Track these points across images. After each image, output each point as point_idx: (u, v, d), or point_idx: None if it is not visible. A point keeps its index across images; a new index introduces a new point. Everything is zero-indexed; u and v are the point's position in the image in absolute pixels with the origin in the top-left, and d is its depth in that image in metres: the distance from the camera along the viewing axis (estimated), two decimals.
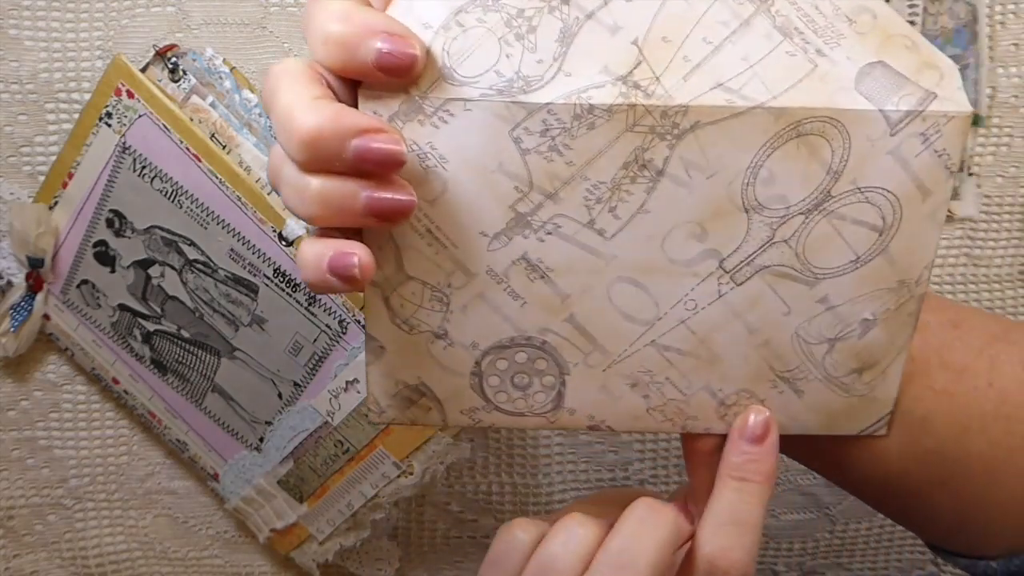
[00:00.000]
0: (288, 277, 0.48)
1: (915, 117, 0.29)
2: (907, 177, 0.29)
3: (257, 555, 0.60)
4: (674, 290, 0.31)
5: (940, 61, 0.29)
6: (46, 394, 0.56)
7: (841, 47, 0.29)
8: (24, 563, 0.58)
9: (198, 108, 0.48)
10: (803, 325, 0.32)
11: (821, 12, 0.29)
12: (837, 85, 0.29)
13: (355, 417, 0.50)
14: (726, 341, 0.32)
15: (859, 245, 0.30)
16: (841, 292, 0.31)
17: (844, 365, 0.32)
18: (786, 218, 0.30)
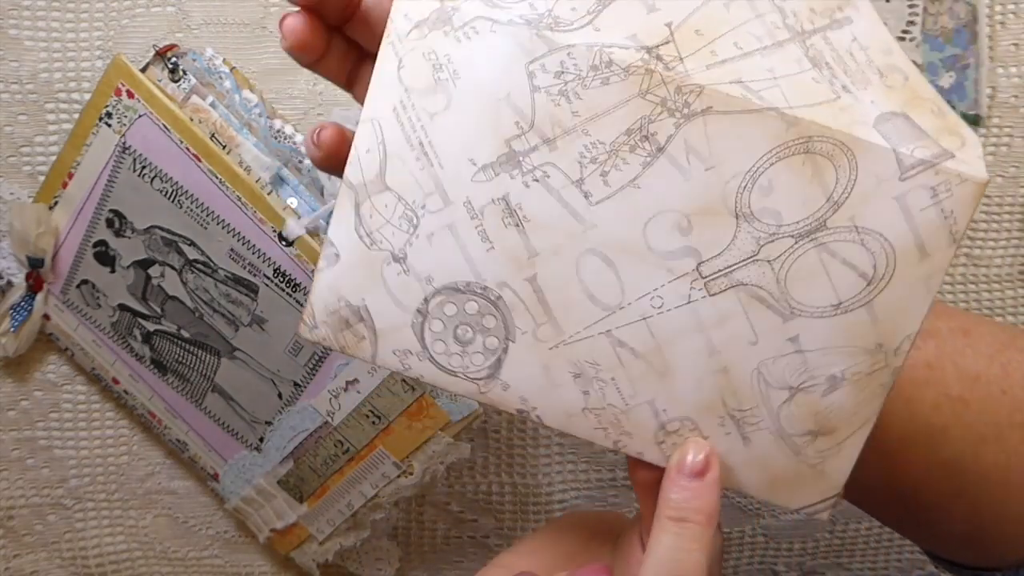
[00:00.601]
0: (288, 277, 0.48)
1: (928, 168, 0.27)
2: (908, 230, 0.28)
3: (257, 555, 0.60)
4: (644, 280, 0.29)
5: (964, 131, 0.28)
6: (46, 394, 0.56)
7: (867, 91, 0.28)
8: (24, 563, 0.58)
9: (198, 108, 0.47)
10: (768, 362, 0.30)
11: (854, 58, 0.29)
12: (856, 118, 0.28)
13: (355, 417, 0.50)
14: (683, 355, 0.30)
15: (844, 289, 0.29)
16: (815, 336, 0.29)
17: (800, 423, 0.30)
18: (775, 237, 0.29)
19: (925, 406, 0.33)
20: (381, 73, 0.29)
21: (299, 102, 0.52)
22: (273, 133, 0.49)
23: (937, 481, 0.33)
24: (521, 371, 0.31)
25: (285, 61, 0.52)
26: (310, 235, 0.47)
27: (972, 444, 0.33)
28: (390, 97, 0.29)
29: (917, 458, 0.33)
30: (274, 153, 0.49)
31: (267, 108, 0.50)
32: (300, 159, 0.50)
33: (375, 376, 0.49)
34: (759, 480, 0.31)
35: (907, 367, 0.31)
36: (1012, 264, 0.57)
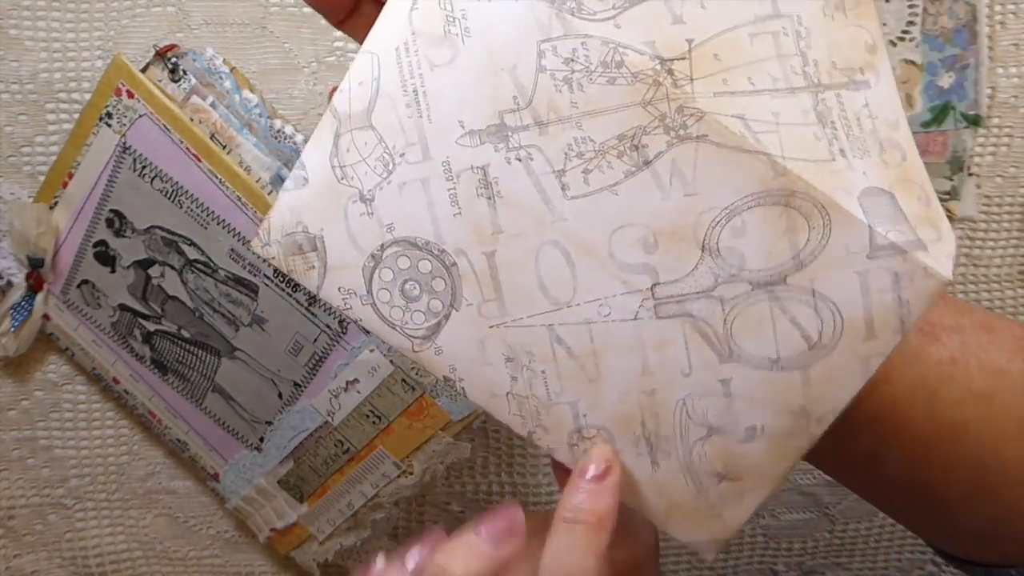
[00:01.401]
0: (288, 277, 0.48)
1: (897, 254, 0.27)
2: (862, 307, 0.28)
3: (257, 555, 0.60)
4: (598, 286, 0.29)
5: (943, 225, 0.28)
6: (46, 394, 0.56)
7: (863, 161, 0.28)
8: (24, 563, 0.58)
9: (198, 108, 0.48)
10: (695, 396, 0.30)
11: (860, 125, 0.29)
12: (843, 184, 0.28)
13: (355, 417, 0.50)
14: (617, 367, 0.30)
15: (785, 347, 0.29)
16: (746, 384, 0.29)
17: (710, 463, 0.30)
18: (734, 279, 0.29)
19: (948, 402, 0.32)
20: (392, 8, 0.29)
21: (299, 102, 0.52)
22: (273, 133, 0.49)
23: (958, 478, 0.33)
24: (457, 340, 0.31)
25: (285, 61, 0.52)
26: None
27: (994, 441, 0.33)
28: (396, 35, 0.29)
29: (938, 454, 0.33)
30: (274, 153, 0.49)
31: (267, 108, 0.50)
32: None
33: (375, 376, 0.49)
34: (657, 505, 0.31)
35: (931, 362, 0.32)
36: (1012, 264, 0.57)
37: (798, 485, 0.60)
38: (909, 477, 0.34)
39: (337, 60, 0.52)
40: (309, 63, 0.52)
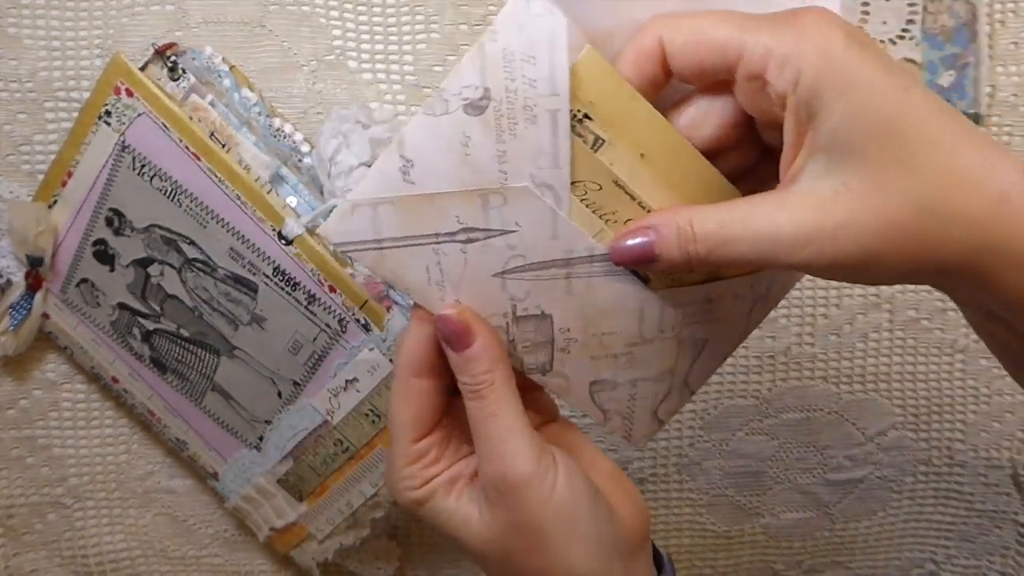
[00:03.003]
0: (288, 276, 0.48)
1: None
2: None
3: (257, 554, 0.60)
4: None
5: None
6: (45, 393, 0.56)
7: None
8: (24, 562, 0.58)
9: (197, 107, 0.47)
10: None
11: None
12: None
13: (355, 416, 0.50)
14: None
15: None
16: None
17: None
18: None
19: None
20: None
21: (298, 101, 0.52)
22: (272, 132, 0.49)
23: None
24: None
25: (284, 59, 0.52)
26: (309, 234, 0.47)
27: None
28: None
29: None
30: (273, 152, 0.49)
31: (266, 107, 0.50)
32: (299, 158, 0.50)
33: (375, 375, 0.49)
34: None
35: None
36: None
37: (798, 484, 0.60)
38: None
39: (336, 59, 0.52)
40: (308, 62, 0.52)
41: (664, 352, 0.38)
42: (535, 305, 0.35)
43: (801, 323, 0.58)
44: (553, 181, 0.33)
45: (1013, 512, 0.60)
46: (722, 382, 0.58)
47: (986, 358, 0.58)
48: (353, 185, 0.48)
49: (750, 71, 0.29)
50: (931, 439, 0.60)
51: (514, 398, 0.34)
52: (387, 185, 0.33)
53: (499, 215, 0.33)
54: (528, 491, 0.33)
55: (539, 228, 0.34)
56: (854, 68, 0.28)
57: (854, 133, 0.28)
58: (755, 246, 0.30)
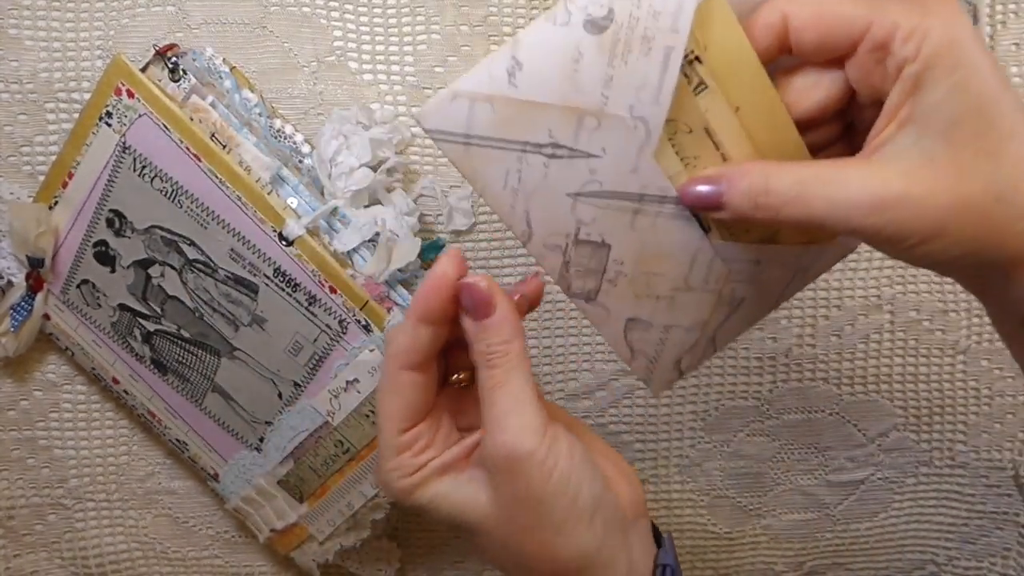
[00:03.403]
0: (288, 277, 0.48)
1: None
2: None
3: (257, 555, 0.60)
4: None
5: None
6: (46, 394, 0.56)
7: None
8: (24, 563, 0.58)
9: (198, 108, 0.47)
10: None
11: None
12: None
13: (355, 417, 0.50)
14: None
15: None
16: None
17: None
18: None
19: None
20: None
21: (299, 102, 0.52)
22: (273, 133, 0.49)
23: None
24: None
25: (285, 60, 0.52)
26: (310, 235, 0.47)
27: None
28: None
29: None
30: (274, 153, 0.49)
31: (267, 108, 0.50)
32: (300, 159, 0.50)
33: (375, 376, 0.49)
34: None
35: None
36: None
37: (798, 485, 0.60)
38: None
39: (337, 60, 0.52)
40: (309, 63, 0.52)
41: (702, 303, 0.39)
42: (597, 232, 0.36)
43: (802, 324, 0.58)
44: (649, 116, 0.34)
45: (1015, 513, 0.60)
46: (723, 383, 0.58)
47: (987, 359, 0.58)
48: (354, 186, 0.48)
49: (876, 42, 0.31)
50: (932, 440, 0.59)
51: (526, 372, 0.35)
52: (491, 83, 0.33)
53: (589, 138, 0.34)
54: (531, 464, 0.34)
55: (622, 159, 0.35)
56: (971, 51, 0.30)
57: (953, 109, 0.30)
58: (830, 206, 0.31)
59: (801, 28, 0.32)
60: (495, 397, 0.34)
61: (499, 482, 0.34)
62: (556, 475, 0.34)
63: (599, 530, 0.35)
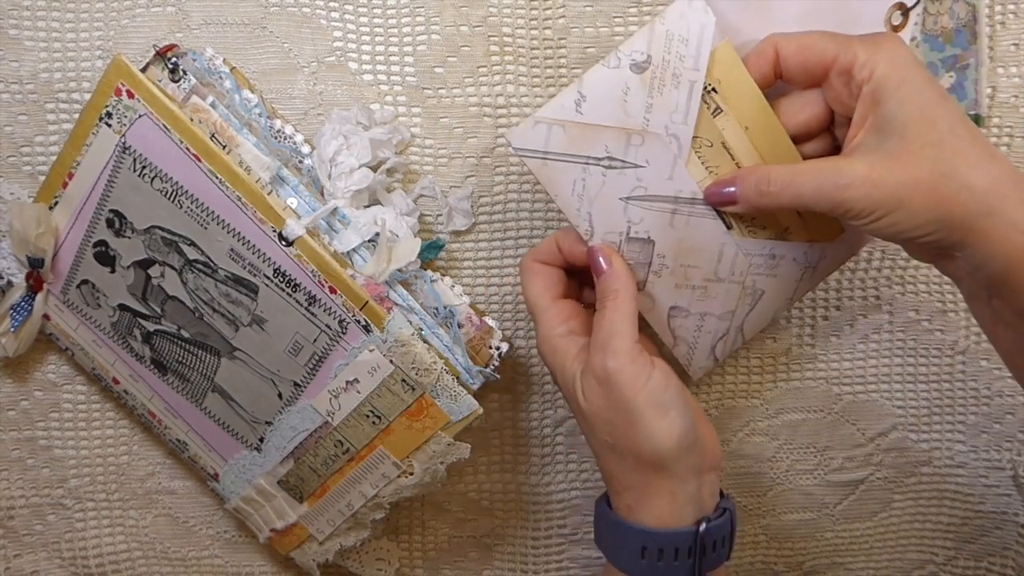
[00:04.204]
0: (288, 277, 0.48)
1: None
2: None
3: (257, 555, 0.60)
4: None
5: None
6: (46, 394, 0.56)
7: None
8: (24, 563, 0.58)
9: (198, 108, 0.47)
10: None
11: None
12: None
13: (355, 417, 0.50)
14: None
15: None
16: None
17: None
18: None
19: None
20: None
21: (299, 102, 0.52)
22: (273, 133, 0.49)
23: None
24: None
25: (285, 61, 0.52)
26: (310, 235, 0.47)
27: None
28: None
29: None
30: (274, 153, 0.49)
31: (267, 108, 0.50)
32: (300, 159, 0.50)
33: (375, 376, 0.49)
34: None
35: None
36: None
37: (798, 485, 0.60)
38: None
39: (337, 60, 0.52)
40: (309, 63, 0.52)
41: (730, 293, 0.48)
42: (644, 230, 0.46)
43: (802, 324, 0.58)
44: (680, 134, 0.44)
45: (1014, 513, 0.60)
46: (723, 383, 0.58)
47: (987, 359, 0.58)
48: (354, 186, 0.48)
49: (841, 68, 0.41)
50: (932, 440, 0.59)
51: (631, 315, 0.44)
52: (563, 111, 0.44)
53: (636, 152, 0.45)
54: (622, 378, 0.42)
55: (661, 168, 0.45)
56: (912, 72, 0.40)
57: (902, 116, 0.39)
58: (816, 189, 0.40)
59: (787, 57, 0.43)
60: (600, 324, 0.44)
61: (599, 388, 0.43)
62: (648, 389, 0.43)
63: (681, 446, 0.43)
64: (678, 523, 0.44)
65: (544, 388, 0.57)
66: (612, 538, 0.46)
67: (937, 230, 0.39)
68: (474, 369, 0.49)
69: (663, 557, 0.43)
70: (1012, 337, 0.42)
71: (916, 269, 0.57)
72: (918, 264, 0.57)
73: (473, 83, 0.53)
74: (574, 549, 0.60)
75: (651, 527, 0.44)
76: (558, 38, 0.53)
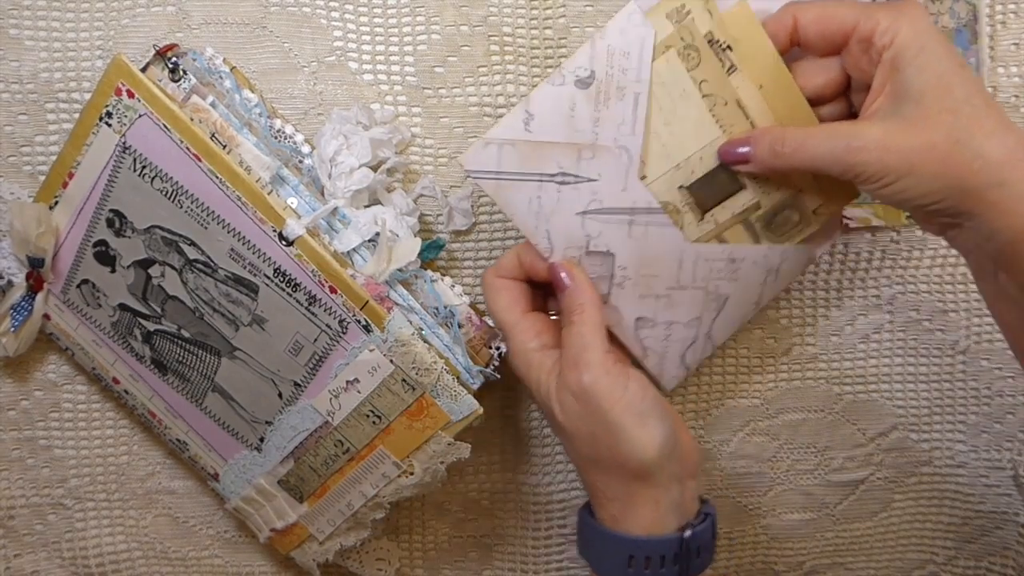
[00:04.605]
0: (288, 277, 0.48)
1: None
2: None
3: (257, 555, 0.60)
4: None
5: None
6: (46, 394, 0.56)
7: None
8: (24, 563, 0.58)
9: (198, 108, 0.47)
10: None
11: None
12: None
13: (355, 417, 0.50)
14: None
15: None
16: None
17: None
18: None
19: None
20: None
21: (299, 102, 0.52)
22: (273, 133, 0.49)
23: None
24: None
25: (285, 61, 0.52)
26: (310, 235, 0.47)
27: None
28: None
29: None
30: (274, 153, 0.49)
31: (267, 108, 0.50)
32: (300, 159, 0.50)
33: (375, 376, 0.49)
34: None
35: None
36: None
37: (799, 486, 0.60)
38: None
39: (337, 60, 0.52)
40: (309, 63, 0.52)
41: (695, 300, 0.48)
42: (603, 243, 0.46)
43: (802, 324, 0.58)
44: (629, 145, 0.45)
45: (1014, 513, 0.60)
46: (723, 383, 0.58)
47: (987, 359, 0.58)
48: (354, 186, 0.48)
49: (862, 35, 0.41)
50: (932, 440, 0.59)
51: (598, 327, 0.44)
52: (512, 131, 0.44)
53: (587, 165, 0.45)
54: (598, 390, 0.43)
55: (614, 180, 0.45)
56: (932, 40, 0.40)
57: (920, 82, 0.39)
58: (829, 150, 0.40)
59: (806, 25, 0.42)
60: (570, 340, 0.44)
61: (572, 403, 0.44)
62: (626, 399, 0.43)
63: (663, 454, 0.43)
64: (662, 530, 0.44)
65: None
66: (597, 548, 0.46)
67: (946, 198, 0.39)
68: (474, 369, 0.49)
69: (650, 565, 0.44)
70: (1017, 314, 0.42)
71: (916, 269, 0.57)
72: (918, 264, 0.57)
73: (473, 83, 0.53)
74: (574, 549, 0.60)
75: (637, 535, 0.44)
76: (558, 38, 0.53)
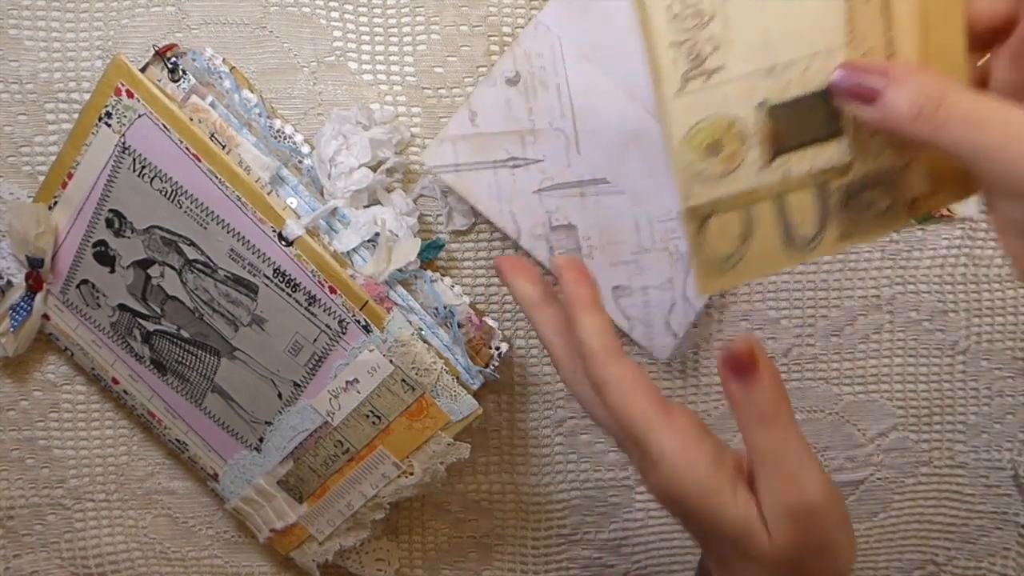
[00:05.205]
0: (288, 277, 0.48)
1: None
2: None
3: (257, 555, 0.60)
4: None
5: None
6: (46, 394, 0.56)
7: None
8: (24, 563, 0.58)
9: (198, 108, 0.47)
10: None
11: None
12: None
13: (355, 417, 0.50)
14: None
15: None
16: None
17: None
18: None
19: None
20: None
21: (298, 102, 0.52)
22: (273, 133, 0.49)
23: None
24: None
25: (285, 61, 0.52)
26: (310, 235, 0.47)
27: None
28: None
29: None
30: (274, 153, 0.49)
31: (267, 108, 0.50)
32: (300, 159, 0.50)
33: (375, 376, 0.49)
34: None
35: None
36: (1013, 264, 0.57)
37: None
38: None
39: (337, 60, 0.52)
40: (309, 63, 0.52)
41: (661, 262, 0.51)
42: (563, 216, 0.50)
43: (802, 324, 0.58)
44: (564, 127, 0.50)
45: (1014, 513, 0.60)
46: None
47: (987, 359, 0.58)
48: (354, 186, 0.48)
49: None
50: (932, 440, 0.59)
51: (796, 425, 0.34)
52: (461, 128, 0.50)
53: (532, 149, 0.50)
54: (827, 514, 0.33)
55: (558, 158, 0.50)
56: None
57: None
58: (1004, 137, 0.28)
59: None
60: (781, 457, 0.33)
61: (787, 526, 0.33)
62: (845, 519, 0.34)
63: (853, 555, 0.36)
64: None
65: (544, 388, 0.57)
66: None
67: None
68: (474, 369, 0.49)
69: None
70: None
71: (916, 269, 0.57)
72: (918, 264, 0.57)
73: (473, 83, 0.53)
74: (574, 549, 0.60)
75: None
76: None
